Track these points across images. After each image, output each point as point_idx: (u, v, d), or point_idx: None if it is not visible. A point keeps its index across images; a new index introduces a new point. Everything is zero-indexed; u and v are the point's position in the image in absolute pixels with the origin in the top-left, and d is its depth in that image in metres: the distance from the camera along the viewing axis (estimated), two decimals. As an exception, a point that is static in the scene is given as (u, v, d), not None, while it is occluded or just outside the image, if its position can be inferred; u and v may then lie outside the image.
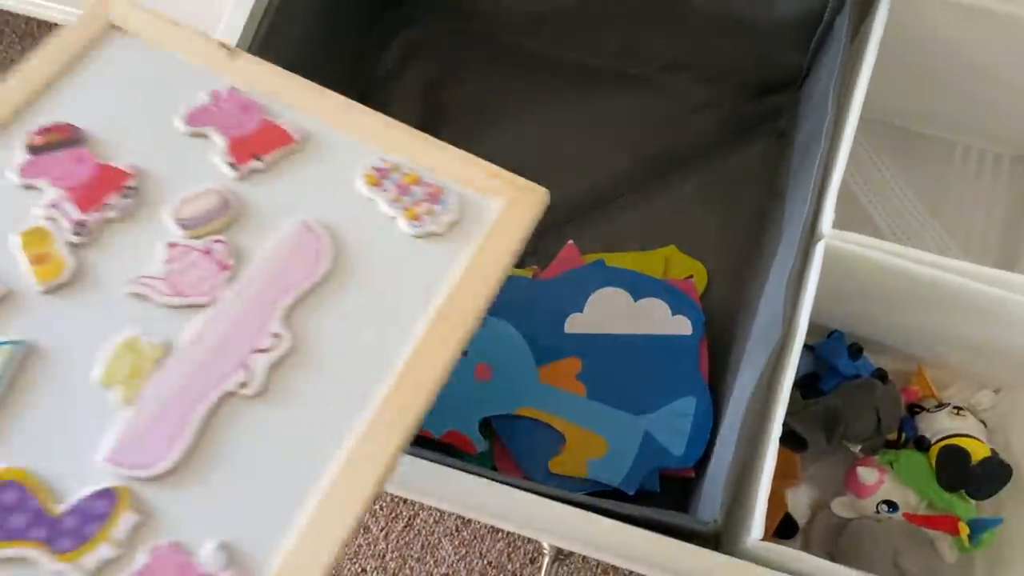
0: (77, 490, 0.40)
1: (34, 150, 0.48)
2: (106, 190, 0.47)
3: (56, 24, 0.97)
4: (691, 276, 0.74)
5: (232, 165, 0.48)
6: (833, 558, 0.67)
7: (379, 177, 0.49)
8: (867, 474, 0.68)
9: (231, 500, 0.40)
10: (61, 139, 0.48)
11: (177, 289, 0.45)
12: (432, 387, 0.43)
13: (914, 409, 0.73)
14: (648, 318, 0.69)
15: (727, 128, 0.80)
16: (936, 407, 0.72)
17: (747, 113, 0.80)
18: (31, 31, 1.12)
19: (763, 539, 0.51)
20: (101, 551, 0.38)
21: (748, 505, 0.52)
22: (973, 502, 0.68)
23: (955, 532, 0.66)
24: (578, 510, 0.51)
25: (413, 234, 0.47)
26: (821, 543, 0.69)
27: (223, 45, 0.52)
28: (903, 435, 0.70)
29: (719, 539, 0.54)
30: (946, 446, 0.68)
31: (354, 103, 0.51)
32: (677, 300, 0.70)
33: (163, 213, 0.47)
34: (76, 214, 0.46)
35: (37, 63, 0.51)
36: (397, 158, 0.49)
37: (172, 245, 0.46)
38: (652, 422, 0.65)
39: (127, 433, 0.41)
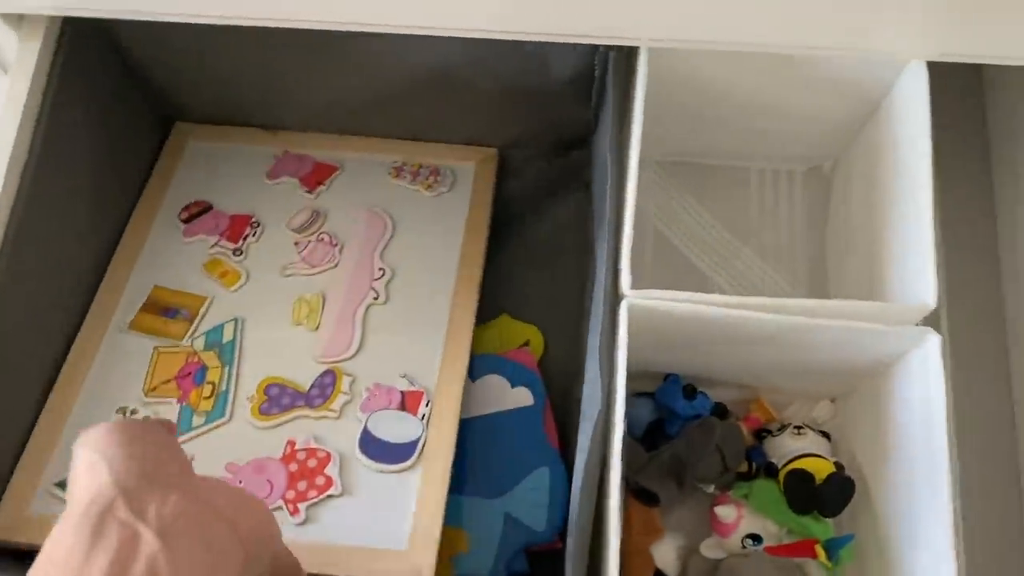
0: (310, 378, 0.67)
1: (185, 221, 0.75)
2: (242, 227, 0.75)
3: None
4: (527, 343, 0.75)
5: (308, 191, 0.77)
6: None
7: (397, 171, 0.79)
8: (725, 512, 0.68)
9: (398, 354, 0.68)
10: (199, 210, 0.76)
11: (312, 263, 0.73)
12: (478, 270, 0.72)
13: (761, 434, 0.73)
14: (488, 397, 0.69)
15: (537, 189, 0.82)
16: (779, 429, 0.72)
17: (554, 171, 0.81)
18: None
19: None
20: (340, 399, 0.66)
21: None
22: (829, 521, 0.69)
23: (813, 556, 0.67)
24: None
25: (432, 195, 0.77)
26: (697, 589, 0.70)
27: (266, 129, 0.81)
28: (753, 465, 0.71)
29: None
30: (791, 471, 0.68)
31: (353, 138, 0.80)
32: (514, 372, 0.71)
33: (283, 227, 0.75)
34: (231, 245, 0.74)
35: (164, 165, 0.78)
36: (400, 159, 0.80)
37: (296, 243, 0.74)
38: (509, 502, 0.64)
39: (324, 341, 0.69)
